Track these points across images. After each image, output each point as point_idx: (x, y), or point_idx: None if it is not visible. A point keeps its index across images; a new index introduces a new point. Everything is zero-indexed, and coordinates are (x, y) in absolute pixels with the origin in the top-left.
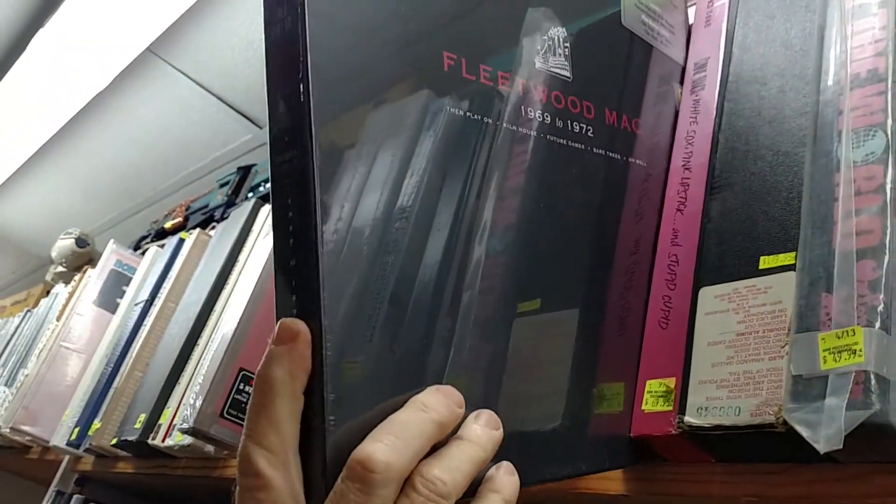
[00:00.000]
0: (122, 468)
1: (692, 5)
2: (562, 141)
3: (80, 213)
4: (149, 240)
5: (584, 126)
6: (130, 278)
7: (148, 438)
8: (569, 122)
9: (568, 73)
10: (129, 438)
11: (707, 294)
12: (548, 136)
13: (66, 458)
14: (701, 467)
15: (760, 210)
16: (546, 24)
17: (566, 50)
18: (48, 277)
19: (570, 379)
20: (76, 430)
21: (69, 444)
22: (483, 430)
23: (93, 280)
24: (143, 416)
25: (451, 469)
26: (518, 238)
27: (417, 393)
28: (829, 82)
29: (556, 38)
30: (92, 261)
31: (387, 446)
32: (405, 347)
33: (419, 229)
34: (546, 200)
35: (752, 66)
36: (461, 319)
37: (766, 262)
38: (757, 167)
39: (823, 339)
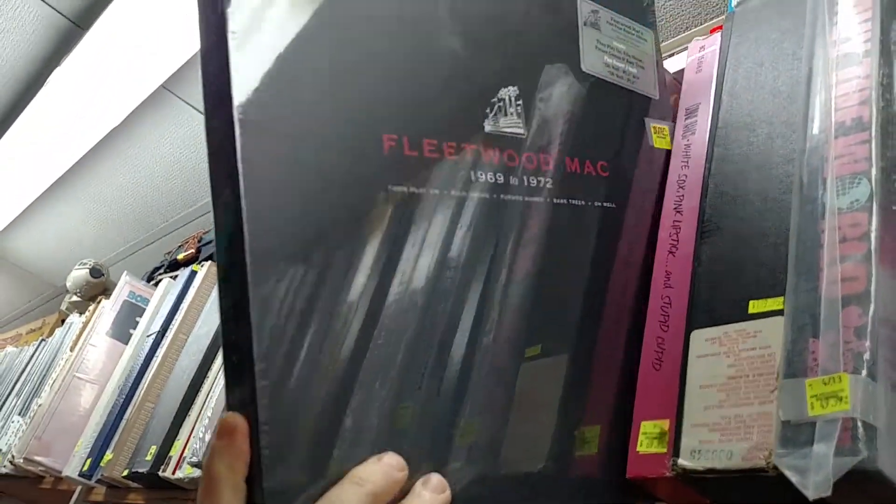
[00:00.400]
0: (133, 499)
1: (682, 51)
2: (517, 198)
3: (94, 243)
4: (162, 271)
5: (541, 179)
6: (143, 309)
7: (159, 471)
8: (524, 178)
9: (521, 131)
10: (141, 470)
11: (699, 337)
12: (500, 196)
13: (79, 488)
14: None
15: (749, 255)
16: (495, 86)
17: (518, 108)
18: (63, 307)
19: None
20: (88, 460)
21: (81, 474)
22: (430, 495)
23: (106, 311)
24: (153, 448)
25: None
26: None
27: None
28: (815, 130)
29: (506, 98)
30: (106, 291)
31: None
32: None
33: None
34: (512, 258)
35: (741, 113)
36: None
37: (755, 306)
38: (746, 212)
39: (811, 384)
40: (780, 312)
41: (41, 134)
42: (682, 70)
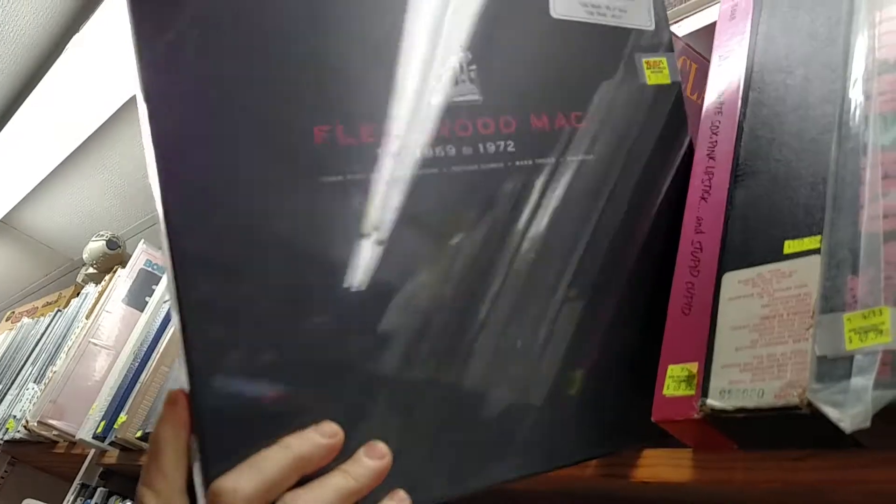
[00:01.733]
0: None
1: (711, 5)
2: (472, 167)
3: (111, 216)
4: None
5: (501, 143)
6: (160, 277)
7: None
8: (480, 145)
9: (476, 97)
10: None
11: (731, 279)
12: (453, 168)
13: (92, 451)
14: (723, 454)
15: (786, 196)
16: (443, 55)
17: (471, 73)
18: (79, 279)
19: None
20: (102, 423)
21: (95, 437)
22: (362, 461)
23: (123, 279)
24: None
25: (314, 499)
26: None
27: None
28: (857, 68)
29: (457, 65)
30: (123, 262)
31: (235, 473)
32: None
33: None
34: (471, 228)
35: (777, 56)
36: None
37: (790, 246)
38: (782, 154)
39: (849, 319)
40: (816, 251)
41: (58, 104)
42: (713, 23)
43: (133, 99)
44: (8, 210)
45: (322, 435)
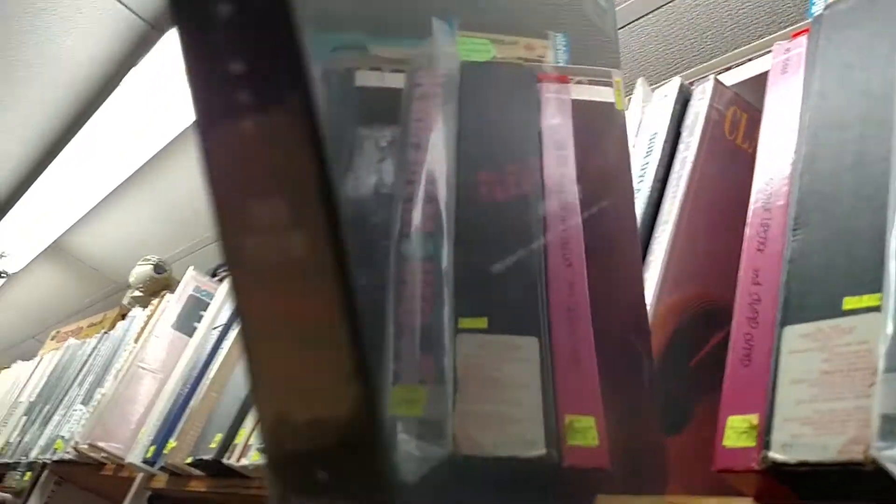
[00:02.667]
0: (195, 486)
1: (766, 53)
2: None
3: (157, 240)
4: (224, 267)
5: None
6: (208, 304)
7: (223, 458)
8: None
9: None
10: (205, 457)
11: (791, 333)
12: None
13: (140, 475)
14: None
15: (842, 252)
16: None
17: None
18: (125, 301)
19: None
20: (152, 448)
21: (144, 461)
22: None
23: (171, 304)
24: (219, 436)
25: None
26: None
27: None
28: None
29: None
30: (168, 286)
31: None
32: None
33: None
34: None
35: (831, 113)
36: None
37: (849, 302)
38: (838, 210)
39: None
40: (876, 309)
41: (113, 134)
42: (764, 73)
43: (185, 131)
44: (61, 234)
45: None
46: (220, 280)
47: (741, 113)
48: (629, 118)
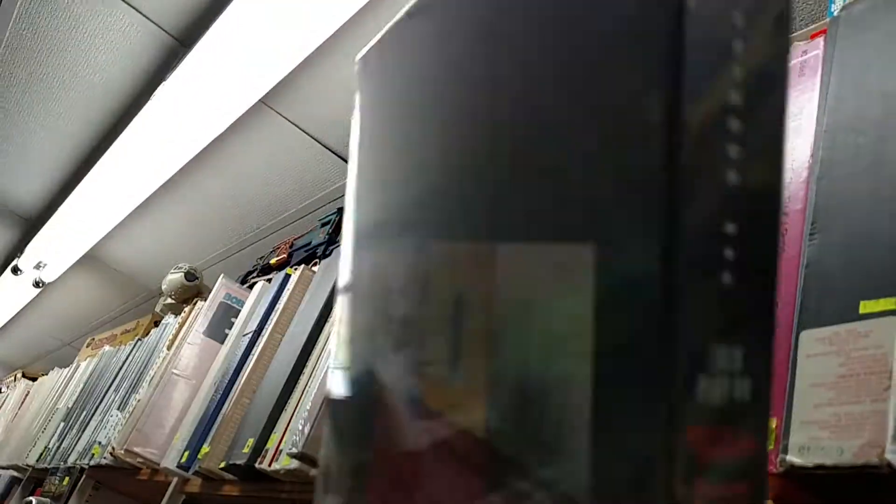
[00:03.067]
0: (228, 491)
1: None
2: None
3: (189, 248)
4: (255, 275)
5: None
6: (239, 310)
7: (255, 462)
8: None
9: None
10: (238, 462)
11: (808, 337)
12: None
13: (175, 480)
14: None
15: (859, 255)
16: None
17: None
18: (157, 308)
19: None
20: (186, 453)
21: (179, 466)
22: None
23: (203, 311)
24: (251, 441)
25: None
26: None
27: None
28: None
29: None
30: (200, 293)
31: None
32: None
33: None
34: None
35: (848, 115)
36: None
37: (866, 306)
38: (856, 213)
39: None
40: (893, 313)
41: (145, 145)
42: None
43: (215, 142)
44: (95, 242)
45: None
46: (250, 287)
47: None
48: None
